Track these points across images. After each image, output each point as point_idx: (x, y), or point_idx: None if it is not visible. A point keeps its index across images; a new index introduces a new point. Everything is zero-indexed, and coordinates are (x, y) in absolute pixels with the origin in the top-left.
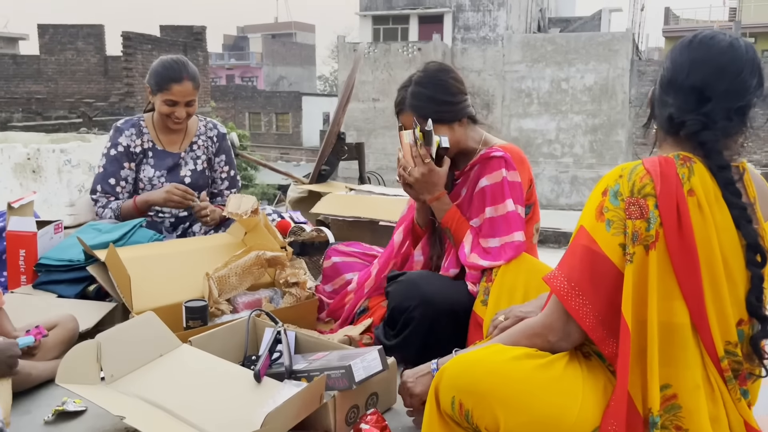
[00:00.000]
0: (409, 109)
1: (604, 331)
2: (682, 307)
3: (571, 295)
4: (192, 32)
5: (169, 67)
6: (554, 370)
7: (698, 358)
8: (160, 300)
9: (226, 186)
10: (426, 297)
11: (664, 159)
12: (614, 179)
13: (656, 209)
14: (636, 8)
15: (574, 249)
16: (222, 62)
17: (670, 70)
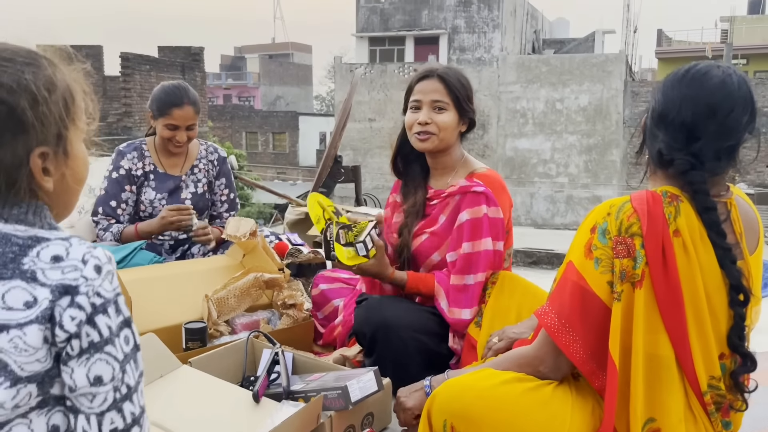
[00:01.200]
0: (440, 76)
1: (593, 365)
2: (666, 340)
3: (562, 331)
4: (190, 53)
5: (170, 92)
6: (543, 393)
7: (681, 389)
8: (160, 321)
9: (225, 209)
10: (386, 321)
11: (652, 196)
12: (602, 216)
13: (642, 249)
14: (629, 30)
15: (564, 284)
16: (219, 82)
17: (662, 104)
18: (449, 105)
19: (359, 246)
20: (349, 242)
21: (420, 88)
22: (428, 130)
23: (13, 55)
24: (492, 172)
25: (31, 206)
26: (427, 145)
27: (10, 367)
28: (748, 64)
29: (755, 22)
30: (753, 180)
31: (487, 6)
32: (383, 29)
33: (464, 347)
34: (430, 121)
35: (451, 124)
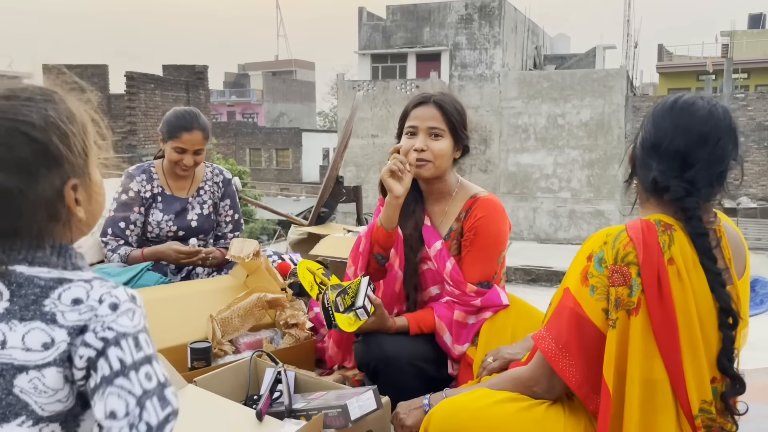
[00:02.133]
0: (437, 103)
1: (588, 389)
2: (660, 365)
3: (559, 356)
4: (194, 71)
5: (180, 116)
6: (536, 413)
7: (673, 411)
8: (166, 341)
9: (229, 229)
10: (386, 354)
11: (647, 225)
12: (599, 245)
13: (638, 277)
14: (629, 45)
15: (561, 310)
16: (223, 99)
17: (653, 134)
18: (445, 132)
19: (360, 312)
20: (347, 307)
21: (416, 114)
22: (424, 157)
23: (31, 94)
24: (492, 196)
25: (55, 248)
26: (423, 172)
27: (31, 407)
28: (749, 78)
29: (756, 36)
30: (755, 194)
31: (488, 23)
32: (385, 46)
33: (461, 366)
34: (426, 148)
35: (447, 151)
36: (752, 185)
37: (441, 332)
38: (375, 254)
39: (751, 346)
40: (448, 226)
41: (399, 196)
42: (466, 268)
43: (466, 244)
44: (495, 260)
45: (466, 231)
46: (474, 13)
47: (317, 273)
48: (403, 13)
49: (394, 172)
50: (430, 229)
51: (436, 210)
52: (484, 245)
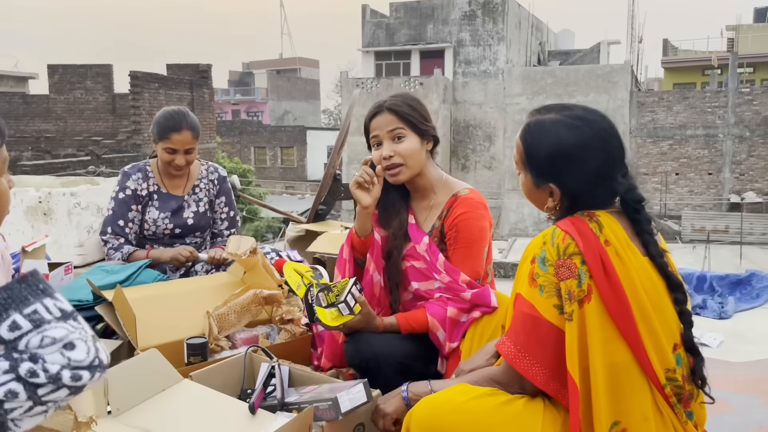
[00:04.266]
0: (389, 108)
1: (557, 384)
2: (622, 346)
3: (519, 357)
4: (198, 70)
5: (169, 117)
6: (515, 407)
7: (646, 389)
8: (163, 337)
9: (225, 226)
10: (376, 353)
11: (573, 219)
12: (539, 247)
13: (584, 265)
14: (634, 40)
15: (516, 317)
16: (228, 98)
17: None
18: (406, 130)
19: (341, 306)
20: (330, 303)
21: (374, 125)
22: (395, 162)
23: None
24: (475, 193)
25: None
26: (400, 177)
27: None
28: (754, 73)
29: (761, 31)
30: (761, 189)
31: (492, 19)
32: (389, 44)
33: (449, 361)
34: (393, 153)
35: (415, 148)
36: (758, 180)
37: (435, 330)
38: (356, 258)
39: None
40: (431, 223)
41: (367, 207)
42: (455, 266)
43: (450, 242)
44: (480, 256)
45: (448, 229)
46: (477, 10)
47: (305, 275)
48: (406, 10)
49: (361, 184)
50: (414, 227)
51: (421, 206)
52: (468, 242)
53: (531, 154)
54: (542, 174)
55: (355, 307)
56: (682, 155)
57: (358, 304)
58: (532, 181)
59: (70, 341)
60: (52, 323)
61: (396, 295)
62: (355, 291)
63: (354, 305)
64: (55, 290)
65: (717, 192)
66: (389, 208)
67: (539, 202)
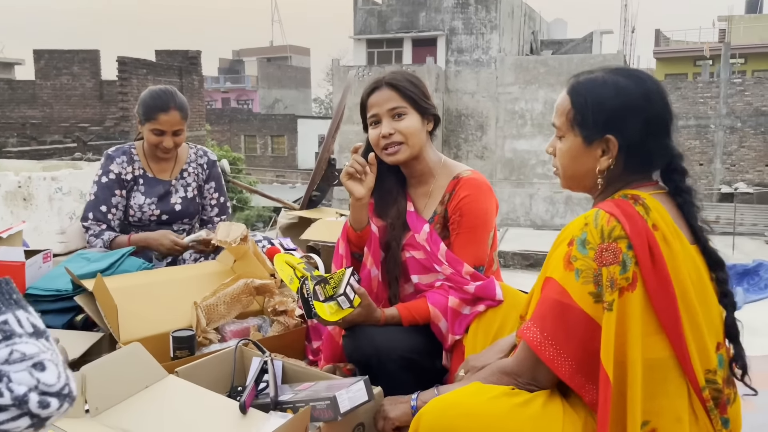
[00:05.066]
0: (390, 84)
1: (582, 378)
2: (662, 341)
3: (545, 345)
4: (187, 56)
5: (156, 97)
6: (532, 408)
7: (683, 389)
8: (147, 330)
9: (215, 213)
10: (378, 349)
11: (617, 201)
12: (579, 228)
13: (630, 250)
14: (627, 31)
15: (545, 301)
16: (218, 86)
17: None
18: (407, 108)
19: (341, 299)
20: (328, 297)
21: (373, 101)
22: (395, 140)
23: None
24: (477, 174)
25: None
26: (399, 156)
27: None
28: (746, 63)
29: (753, 21)
30: (752, 179)
31: (485, 7)
32: (381, 31)
33: (453, 356)
34: (393, 130)
35: (416, 127)
36: (749, 171)
37: (436, 320)
38: (353, 252)
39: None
40: (432, 209)
41: (361, 198)
42: (457, 252)
43: (453, 227)
44: (485, 242)
45: (451, 213)
46: None
47: (298, 267)
48: None
49: (352, 175)
50: (413, 215)
51: (419, 192)
52: (472, 226)
53: (585, 108)
54: (598, 127)
55: (355, 300)
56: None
57: (358, 296)
58: (583, 139)
59: (40, 361)
60: (24, 338)
61: (395, 289)
62: (354, 282)
63: (354, 297)
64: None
65: (708, 182)
66: (386, 196)
67: (587, 165)
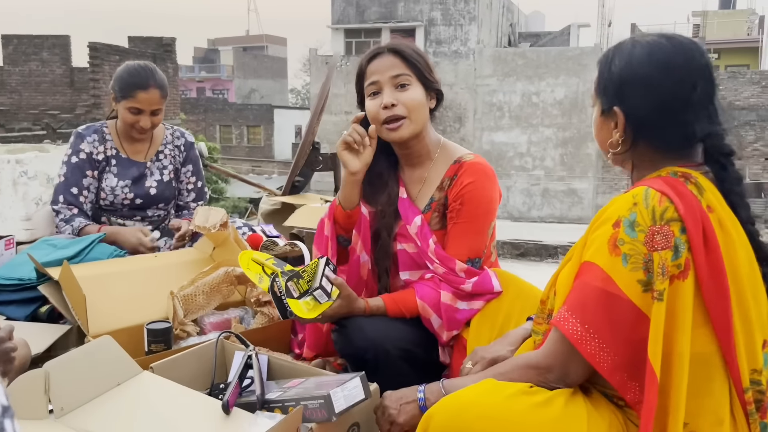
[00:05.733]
0: (393, 50)
1: (623, 375)
2: (708, 334)
3: (587, 338)
4: (161, 44)
5: (135, 73)
6: (554, 408)
7: (726, 388)
8: (119, 322)
9: (192, 198)
10: (373, 342)
11: (667, 179)
12: (627, 208)
13: (683, 234)
14: (603, 24)
15: (584, 289)
16: (192, 75)
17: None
18: (412, 78)
19: (317, 293)
20: (303, 292)
21: (374, 68)
22: (397, 113)
23: None
24: (480, 159)
25: None
26: (403, 133)
27: None
28: (719, 59)
29: (726, 17)
30: None
31: None
32: (359, 21)
33: (455, 350)
34: (396, 101)
35: (420, 100)
36: None
37: (426, 315)
38: (337, 235)
39: None
40: (427, 196)
41: (356, 173)
42: (452, 242)
43: (452, 215)
44: (485, 233)
45: (452, 201)
46: None
47: (266, 264)
48: None
49: (350, 145)
50: (406, 202)
51: (414, 177)
52: (473, 216)
53: (602, 77)
54: (609, 97)
55: (333, 291)
56: None
57: (336, 287)
58: (600, 109)
59: None
60: None
61: (385, 281)
62: (330, 272)
63: (331, 289)
64: None
65: None
66: (376, 181)
67: (604, 138)
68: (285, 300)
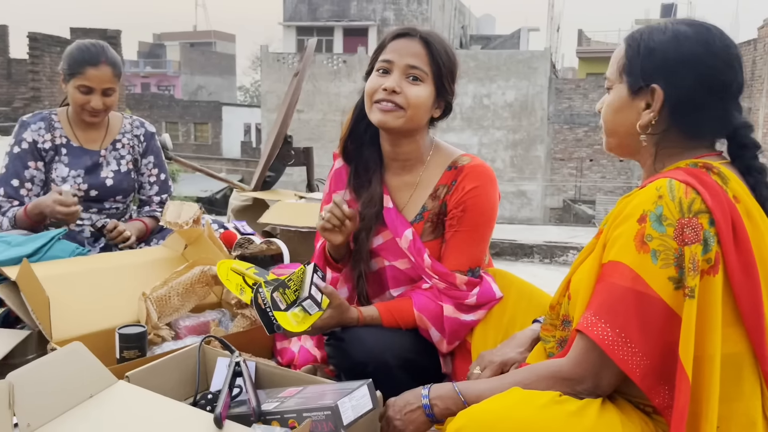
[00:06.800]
0: (424, 39)
1: (653, 379)
2: (739, 333)
3: (619, 344)
4: (105, 36)
5: (85, 49)
6: (588, 418)
7: (758, 389)
8: (86, 326)
9: (155, 191)
10: (373, 353)
11: (689, 169)
12: (651, 201)
13: (712, 227)
14: (552, 29)
15: (612, 291)
16: (137, 70)
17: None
18: (427, 77)
19: (307, 304)
20: (290, 303)
21: (395, 46)
22: (395, 100)
23: None
24: (479, 161)
25: None
26: (389, 119)
27: None
28: None
29: None
30: None
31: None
32: (311, 19)
33: (457, 354)
34: (400, 90)
35: (426, 101)
36: None
37: (424, 326)
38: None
39: None
40: (418, 205)
41: (340, 245)
42: (452, 252)
43: (451, 223)
44: (486, 241)
45: (452, 207)
46: None
47: (248, 273)
48: None
49: (329, 229)
50: (393, 213)
51: (402, 182)
52: (475, 224)
53: (637, 53)
54: (646, 73)
55: (323, 301)
56: (596, 142)
57: (326, 296)
58: (628, 87)
59: None
60: None
61: (362, 287)
62: (318, 280)
63: (321, 298)
64: None
65: (627, 178)
66: (362, 173)
67: (629, 119)
68: (271, 313)
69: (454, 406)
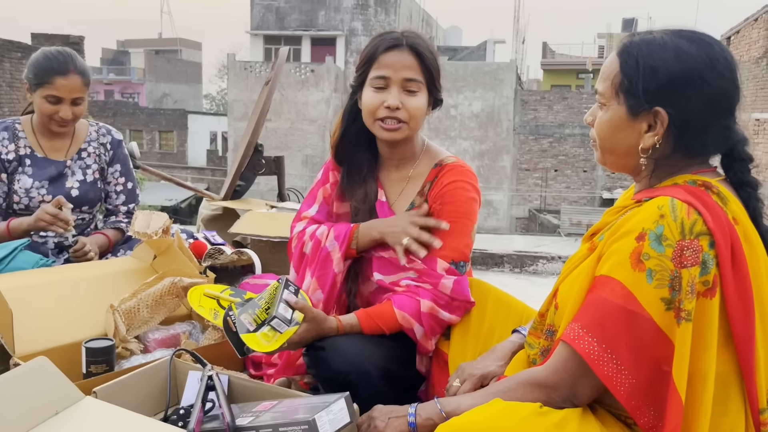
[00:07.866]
0: (413, 48)
1: (639, 400)
2: (729, 353)
3: (604, 359)
4: (68, 41)
5: (52, 58)
6: (568, 429)
7: (742, 410)
8: (51, 340)
9: (122, 201)
10: (353, 363)
11: (688, 188)
12: (652, 220)
13: (712, 249)
14: (518, 41)
15: (603, 306)
16: (100, 77)
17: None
18: (422, 86)
19: (275, 323)
20: (260, 323)
21: (389, 60)
22: (398, 116)
23: None
24: (461, 161)
25: None
26: (397, 135)
27: None
28: None
29: None
30: (629, 186)
31: (384, 10)
32: (279, 28)
33: (434, 365)
34: (401, 105)
35: (424, 108)
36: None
37: (408, 325)
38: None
39: None
40: (408, 199)
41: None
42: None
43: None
44: (467, 234)
45: (432, 202)
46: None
47: (222, 296)
48: None
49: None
50: (385, 206)
51: (395, 178)
52: (454, 215)
53: (635, 73)
54: (648, 96)
55: (295, 316)
56: (561, 152)
57: (298, 311)
58: (628, 109)
59: None
60: None
61: (354, 285)
62: (289, 296)
63: (292, 314)
64: None
65: (591, 188)
66: (354, 174)
67: (628, 141)
68: (239, 335)
69: (437, 418)
